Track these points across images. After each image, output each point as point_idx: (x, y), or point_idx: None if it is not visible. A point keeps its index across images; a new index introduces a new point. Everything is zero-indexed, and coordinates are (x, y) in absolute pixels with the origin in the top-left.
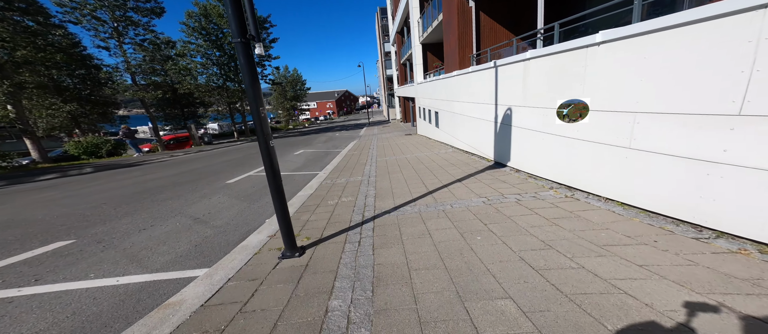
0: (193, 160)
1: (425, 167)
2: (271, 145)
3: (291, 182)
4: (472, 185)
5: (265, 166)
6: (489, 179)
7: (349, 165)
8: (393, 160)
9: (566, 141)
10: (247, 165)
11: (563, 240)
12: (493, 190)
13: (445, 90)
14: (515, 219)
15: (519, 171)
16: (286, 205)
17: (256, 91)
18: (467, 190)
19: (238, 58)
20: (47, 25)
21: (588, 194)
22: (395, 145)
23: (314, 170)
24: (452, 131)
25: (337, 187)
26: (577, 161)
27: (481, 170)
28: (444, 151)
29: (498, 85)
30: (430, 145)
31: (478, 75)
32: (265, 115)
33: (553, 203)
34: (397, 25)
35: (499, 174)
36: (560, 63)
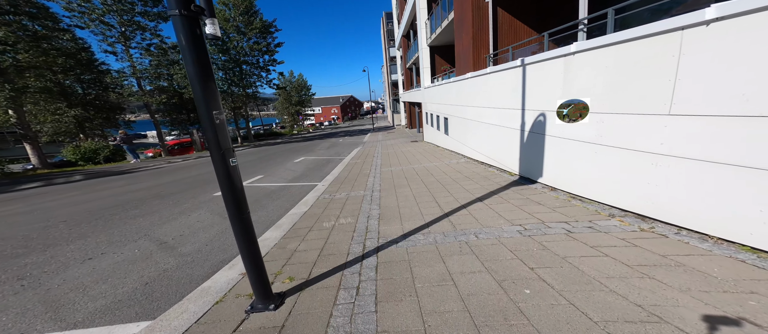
0: (189, 168)
1: (436, 180)
2: (232, 163)
3: (285, 195)
4: (498, 207)
5: (223, 192)
6: (518, 198)
7: (350, 175)
8: (399, 170)
9: (643, 157)
10: (242, 174)
11: (677, 308)
12: (527, 214)
13: (456, 94)
14: (575, 262)
15: (555, 189)
16: (255, 243)
17: (207, 87)
18: (493, 213)
19: (178, 41)
20: (54, 29)
21: (680, 228)
22: (401, 153)
23: (313, 180)
24: (464, 139)
25: (335, 203)
26: (662, 182)
27: (505, 187)
28: (455, 162)
29: (526, 87)
30: (438, 154)
31: (498, 76)
32: (223, 121)
33: (626, 240)
34: (403, 28)
35: (529, 192)
36: (632, 54)
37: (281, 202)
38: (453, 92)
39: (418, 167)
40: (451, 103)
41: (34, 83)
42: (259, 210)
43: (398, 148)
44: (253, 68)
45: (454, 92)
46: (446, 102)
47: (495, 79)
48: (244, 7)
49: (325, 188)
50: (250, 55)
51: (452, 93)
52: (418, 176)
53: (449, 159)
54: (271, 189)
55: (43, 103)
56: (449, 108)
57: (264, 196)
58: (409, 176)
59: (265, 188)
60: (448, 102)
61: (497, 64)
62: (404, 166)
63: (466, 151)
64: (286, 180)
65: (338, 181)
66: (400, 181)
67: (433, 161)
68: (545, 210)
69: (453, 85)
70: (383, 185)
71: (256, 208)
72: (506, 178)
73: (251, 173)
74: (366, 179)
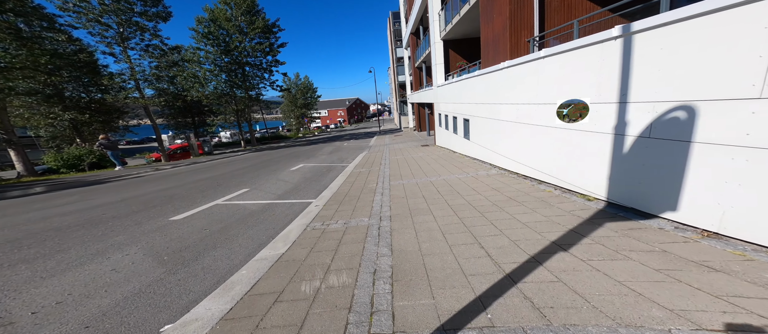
0: (171, 177)
1: (467, 202)
2: None
3: (265, 220)
4: (612, 268)
5: None
6: (642, 248)
7: (353, 190)
8: (412, 184)
9: None
10: (223, 186)
11: None
12: (707, 295)
13: (483, 90)
14: None
15: (718, 237)
16: None
17: None
18: (614, 284)
19: None
20: (48, 29)
21: None
22: (412, 159)
23: (306, 195)
24: (494, 144)
25: (327, 241)
26: None
27: (593, 221)
28: (484, 173)
29: (631, 69)
30: (457, 162)
31: (562, 59)
32: None
33: None
34: (412, 24)
35: (653, 235)
36: None
37: (255, 232)
38: (478, 88)
39: (437, 179)
40: (473, 102)
41: (20, 84)
42: (218, 247)
43: (408, 153)
44: (256, 70)
45: (479, 88)
46: (466, 100)
47: (553, 64)
48: (245, 6)
49: (318, 210)
50: (253, 56)
51: (476, 89)
52: (439, 193)
53: (474, 169)
54: (250, 209)
55: (36, 106)
56: (471, 107)
57: (237, 221)
58: (428, 193)
59: (243, 208)
60: (469, 100)
61: (544, 49)
62: (418, 177)
63: (497, 160)
64: (274, 195)
65: (337, 199)
66: (416, 202)
67: (454, 172)
68: (733, 281)
69: (477, 79)
70: (394, 207)
71: (217, 242)
72: (579, 203)
73: (237, 184)
74: (371, 197)
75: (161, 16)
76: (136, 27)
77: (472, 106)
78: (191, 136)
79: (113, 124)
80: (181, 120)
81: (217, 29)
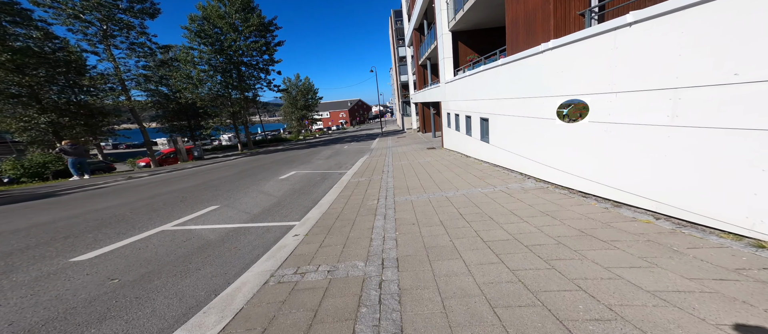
0: (133, 189)
1: (510, 236)
2: None
3: (218, 257)
4: None
5: None
6: None
7: (347, 210)
8: (423, 201)
9: None
10: (187, 202)
11: None
12: None
13: (509, 82)
14: None
15: None
16: None
17: None
18: None
19: None
20: (16, 24)
21: None
22: (418, 166)
23: (288, 216)
24: (529, 149)
25: (294, 312)
26: None
27: None
28: (518, 187)
29: None
30: (475, 170)
31: (682, 19)
32: None
33: None
34: (415, 19)
35: None
36: None
37: (188, 285)
38: (501, 81)
39: (455, 194)
40: (494, 97)
41: None
42: (107, 320)
43: (413, 157)
44: (252, 70)
45: (503, 80)
46: (484, 96)
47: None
48: (239, 3)
49: (295, 243)
50: (248, 55)
51: (499, 82)
52: (462, 217)
53: (501, 180)
54: (206, 239)
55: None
56: (491, 104)
57: (176, 260)
58: (447, 216)
59: (196, 237)
60: (487, 95)
61: (605, 21)
62: (430, 191)
63: (532, 169)
64: (247, 215)
65: (325, 223)
66: (433, 232)
67: (475, 183)
68: None
69: (500, 70)
70: (402, 242)
71: (110, 310)
72: (738, 251)
73: (208, 198)
74: (370, 222)
75: (148, 12)
76: (121, 24)
77: (493, 103)
78: (178, 140)
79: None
80: (177, 123)
81: (211, 27)
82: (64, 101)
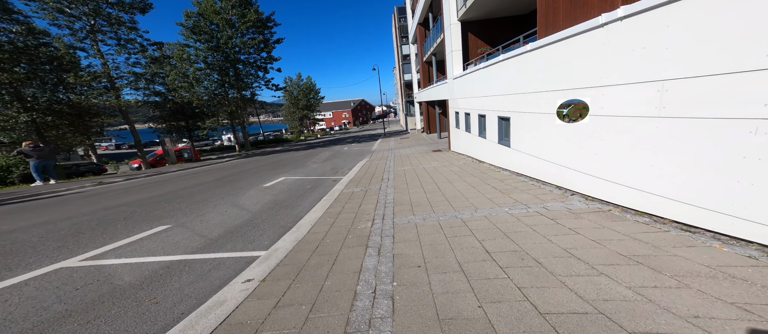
0: (85, 199)
1: (619, 326)
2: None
3: (120, 316)
4: None
5: None
6: None
7: (331, 237)
8: (433, 226)
9: None
10: (132, 220)
11: None
12: None
13: (542, 71)
14: None
15: None
16: None
17: None
18: None
19: None
20: None
21: None
22: (423, 172)
23: (254, 244)
24: (576, 158)
25: None
26: None
27: None
28: (562, 208)
29: None
30: (493, 179)
31: None
32: None
33: None
34: (420, 13)
35: None
36: None
37: None
38: (530, 71)
39: (474, 216)
40: (520, 92)
41: None
42: None
43: (418, 162)
44: (250, 68)
45: (533, 70)
46: (504, 91)
47: None
48: None
49: (238, 301)
50: (245, 53)
51: (526, 73)
52: (493, 260)
53: (534, 196)
54: (115, 284)
55: None
56: (513, 100)
57: (42, 324)
58: (469, 258)
59: (106, 278)
60: (509, 90)
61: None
62: (441, 210)
63: (576, 182)
64: (197, 243)
65: (295, 261)
66: (451, 287)
67: (497, 199)
68: None
69: (530, 57)
70: (403, 311)
71: None
72: None
73: (163, 214)
74: (358, 261)
75: (138, 7)
76: (110, 18)
77: (516, 99)
78: (166, 141)
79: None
80: (175, 123)
81: (207, 24)
82: (45, 99)
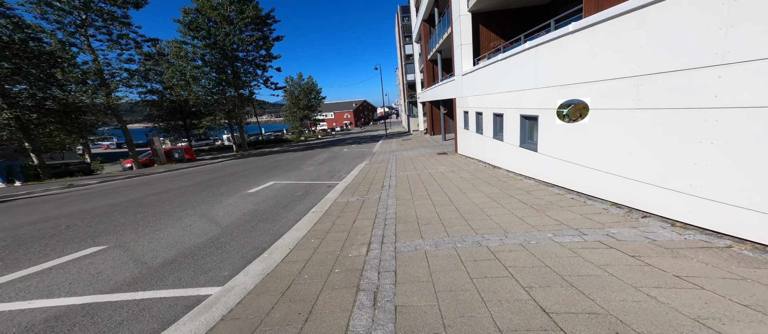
0: (38, 206)
1: None
2: None
3: None
4: None
5: None
6: None
7: (310, 268)
8: (448, 255)
9: None
10: (69, 236)
11: None
12: None
13: (604, 55)
14: None
15: None
16: None
17: None
18: None
19: None
20: None
21: None
22: (429, 179)
23: (209, 275)
24: (655, 170)
25: None
26: None
27: None
28: (635, 234)
29: None
30: (515, 189)
31: None
32: None
33: None
34: (425, 9)
35: None
36: None
37: None
38: (571, 58)
39: (507, 246)
40: (556, 84)
41: None
42: None
43: (422, 165)
44: (248, 65)
45: (578, 55)
46: (530, 85)
47: None
48: None
49: None
50: (244, 50)
51: (566, 61)
52: None
53: (581, 215)
54: None
55: None
56: (544, 95)
57: None
58: (527, 330)
59: None
60: (538, 83)
61: None
62: (456, 231)
63: (653, 201)
64: (130, 273)
65: (251, 313)
66: None
67: (533, 219)
68: None
69: (572, 40)
70: None
71: None
72: None
73: (108, 229)
74: (345, 317)
75: (131, 2)
76: (102, 13)
77: (548, 93)
78: (154, 141)
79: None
80: (173, 123)
81: (204, 20)
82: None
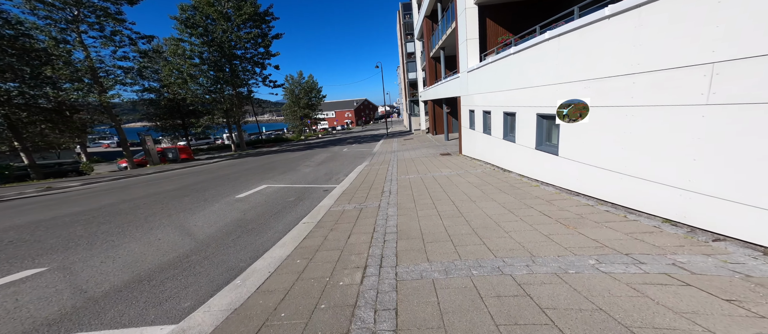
0: (14, 210)
1: None
2: None
3: None
4: None
5: None
6: None
7: (290, 302)
8: (463, 287)
9: None
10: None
11: None
12: None
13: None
14: None
15: None
16: None
17: None
18: None
19: None
20: None
21: None
22: (433, 183)
23: (161, 308)
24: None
25: None
26: None
27: None
28: (712, 265)
29: None
30: (532, 197)
31: None
32: None
33: None
34: (427, 4)
35: None
36: None
37: None
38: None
39: (539, 278)
40: (584, 78)
41: None
42: None
43: (425, 167)
44: (246, 63)
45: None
46: (553, 80)
47: None
48: None
49: None
50: (241, 48)
51: (596, 51)
52: None
53: (625, 234)
54: None
55: None
56: (569, 91)
57: None
58: None
59: None
60: (561, 78)
61: None
62: (470, 253)
63: (732, 223)
64: (58, 309)
65: None
66: None
67: (565, 239)
68: None
69: (607, 27)
70: None
71: None
72: None
73: (57, 244)
74: None
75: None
76: (95, 9)
77: (572, 89)
78: (146, 140)
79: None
80: (171, 122)
81: (201, 17)
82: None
